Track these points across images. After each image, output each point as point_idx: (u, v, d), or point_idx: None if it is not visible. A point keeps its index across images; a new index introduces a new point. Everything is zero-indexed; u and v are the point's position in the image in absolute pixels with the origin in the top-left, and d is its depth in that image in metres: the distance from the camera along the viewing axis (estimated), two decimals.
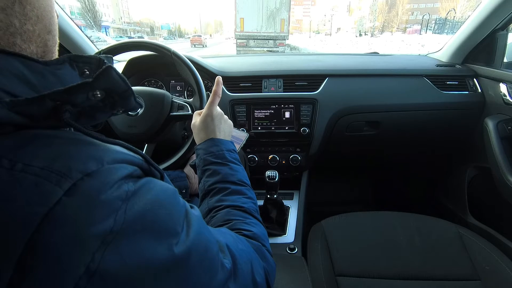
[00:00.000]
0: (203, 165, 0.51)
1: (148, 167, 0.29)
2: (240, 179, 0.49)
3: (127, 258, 0.21)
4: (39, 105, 0.23)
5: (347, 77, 1.07)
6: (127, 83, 0.28)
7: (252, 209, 0.46)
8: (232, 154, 0.53)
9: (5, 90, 0.23)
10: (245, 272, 0.33)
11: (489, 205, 1.12)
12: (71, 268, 0.19)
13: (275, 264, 0.42)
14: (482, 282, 0.68)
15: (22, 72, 0.25)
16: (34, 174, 0.20)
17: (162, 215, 0.25)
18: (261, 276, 0.36)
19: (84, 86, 0.25)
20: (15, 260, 0.18)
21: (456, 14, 33.30)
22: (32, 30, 0.27)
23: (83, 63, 0.32)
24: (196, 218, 0.30)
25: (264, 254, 0.40)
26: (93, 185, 0.21)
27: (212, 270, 0.28)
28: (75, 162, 0.22)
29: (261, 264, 0.38)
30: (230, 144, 0.55)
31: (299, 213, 0.93)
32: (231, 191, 0.47)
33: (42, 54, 0.29)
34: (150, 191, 0.25)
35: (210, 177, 0.49)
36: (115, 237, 0.21)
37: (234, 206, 0.44)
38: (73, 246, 0.20)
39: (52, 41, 0.30)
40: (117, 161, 0.24)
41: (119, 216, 0.21)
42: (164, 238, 0.24)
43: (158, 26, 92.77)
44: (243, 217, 0.44)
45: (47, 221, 0.19)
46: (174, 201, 0.28)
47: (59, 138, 0.24)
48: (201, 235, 0.29)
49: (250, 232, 0.41)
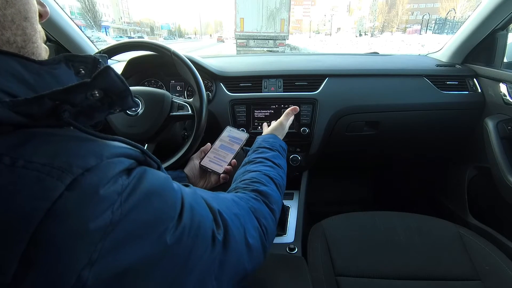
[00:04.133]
0: (257, 147, 0.62)
1: (144, 158, 0.29)
2: (279, 164, 0.57)
3: (125, 247, 0.22)
4: (39, 104, 0.23)
5: (347, 77, 1.06)
6: (125, 83, 0.28)
7: (278, 181, 0.52)
8: (283, 151, 0.64)
9: (3, 90, 0.23)
10: (237, 237, 0.35)
11: (489, 205, 1.12)
12: (74, 259, 0.20)
13: (276, 227, 0.46)
14: (482, 282, 0.68)
15: (19, 72, 0.25)
16: (36, 170, 0.21)
17: (156, 203, 0.26)
18: (255, 238, 0.38)
19: (83, 86, 0.25)
20: (20, 253, 0.19)
21: (456, 14, 33.30)
22: (2, 14, 0.26)
23: (79, 63, 0.32)
24: (188, 195, 0.31)
25: (264, 213, 0.43)
26: (93, 180, 0.22)
27: (204, 245, 0.30)
28: (75, 158, 0.23)
29: (255, 225, 0.40)
30: (285, 144, 0.67)
31: (299, 213, 0.93)
32: (269, 165, 0.55)
33: (22, 43, 0.28)
34: (143, 181, 0.26)
35: (257, 154, 0.59)
36: (114, 228, 0.22)
37: (265, 173, 0.51)
38: (76, 238, 0.20)
39: (31, 29, 0.29)
40: (115, 155, 0.25)
41: (116, 208, 0.22)
42: (159, 225, 0.25)
43: (158, 26, 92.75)
44: (267, 181, 0.50)
45: (50, 215, 0.20)
46: (167, 187, 0.29)
47: (58, 136, 0.24)
48: (194, 210, 0.30)
49: (262, 189, 0.46)
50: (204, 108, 0.73)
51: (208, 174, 0.75)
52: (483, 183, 1.14)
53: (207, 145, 0.78)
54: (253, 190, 0.46)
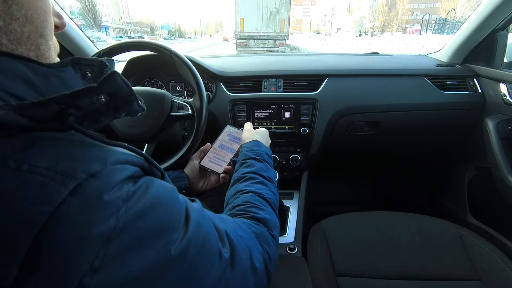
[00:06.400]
0: (242, 159, 0.59)
1: (149, 166, 0.29)
2: (269, 177, 0.55)
3: (129, 255, 0.22)
4: (45, 108, 0.23)
5: (347, 77, 1.06)
6: (131, 88, 0.28)
7: (272, 201, 0.50)
8: (269, 158, 0.62)
9: (10, 92, 0.24)
10: (244, 259, 0.34)
11: (489, 205, 1.12)
12: (76, 265, 0.20)
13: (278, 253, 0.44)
14: (482, 282, 0.68)
15: (26, 74, 0.25)
16: (40, 175, 0.21)
17: (161, 212, 0.26)
18: (260, 262, 0.38)
19: (89, 90, 0.25)
20: (21, 258, 0.19)
21: (456, 14, 33.29)
22: (20, 31, 0.26)
23: (86, 66, 0.32)
24: (195, 211, 0.31)
25: (267, 239, 0.42)
26: (97, 185, 0.22)
27: (210, 261, 0.29)
28: (79, 163, 0.22)
29: (260, 250, 0.39)
30: (270, 151, 0.65)
31: (299, 213, 0.93)
32: (260, 181, 0.53)
33: (34, 58, 0.28)
34: (149, 190, 0.26)
35: (245, 168, 0.56)
36: (117, 235, 0.22)
37: (258, 194, 0.49)
38: (78, 244, 0.20)
39: (45, 46, 0.30)
40: (120, 162, 0.25)
41: (121, 215, 0.22)
42: (164, 235, 0.25)
43: (158, 26, 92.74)
44: (261, 203, 0.48)
45: (52, 220, 0.20)
46: (173, 198, 0.28)
47: (63, 140, 0.24)
48: (200, 227, 0.30)
49: (260, 216, 0.44)
50: (204, 108, 0.73)
51: (208, 174, 0.75)
52: (483, 183, 1.14)
53: (207, 145, 0.78)
54: (251, 218, 0.44)
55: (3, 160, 0.21)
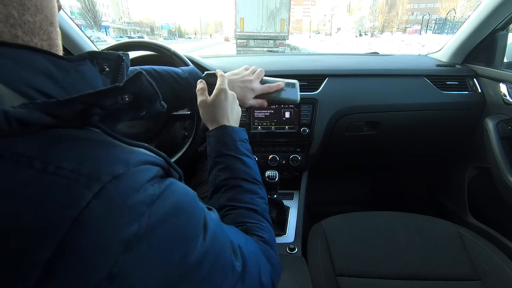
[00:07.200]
0: (215, 156, 0.49)
1: (168, 167, 0.29)
2: (253, 177, 0.48)
3: (146, 262, 0.22)
4: (69, 107, 0.23)
5: (347, 77, 1.06)
6: (155, 87, 0.28)
7: (264, 210, 0.46)
8: (245, 145, 0.51)
9: (36, 88, 0.24)
10: (253, 274, 0.34)
11: (489, 205, 1.12)
12: (95, 271, 0.19)
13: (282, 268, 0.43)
14: (482, 282, 0.68)
15: (47, 68, 0.26)
16: (65, 177, 0.20)
17: (182, 219, 0.25)
18: (267, 278, 0.37)
19: (114, 90, 0.25)
20: (45, 261, 0.18)
21: (456, 14, 33.31)
22: (33, 21, 0.26)
23: (103, 60, 0.32)
24: (213, 221, 0.30)
25: (270, 257, 0.40)
26: (121, 188, 0.22)
27: (224, 274, 0.29)
28: (103, 165, 0.22)
29: (267, 267, 0.38)
30: (243, 133, 0.52)
31: (299, 213, 0.93)
32: (244, 189, 0.46)
33: (47, 47, 0.28)
34: (173, 194, 0.25)
35: (222, 172, 0.47)
36: (138, 242, 0.21)
37: (248, 208, 0.44)
38: (99, 250, 0.20)
39: (55, 33, 0.29)
40: (142, 163, 0.25)
41: (144, 220, 0.22)
42: (182, 243, 0.25)
43: (158, 26, 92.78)
44: (256, 220, 0.43)
45: (76, 225, 0.19)
46: (194, 205, 0.28)
47: (86, 140, 0.24)
48: (217, 238, 0.29)
49: (264, 237, 0.42)
50: None
51: None
52: (483, 183, 1.14)
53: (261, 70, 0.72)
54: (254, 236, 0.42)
55: (30, 159, 0.20)
